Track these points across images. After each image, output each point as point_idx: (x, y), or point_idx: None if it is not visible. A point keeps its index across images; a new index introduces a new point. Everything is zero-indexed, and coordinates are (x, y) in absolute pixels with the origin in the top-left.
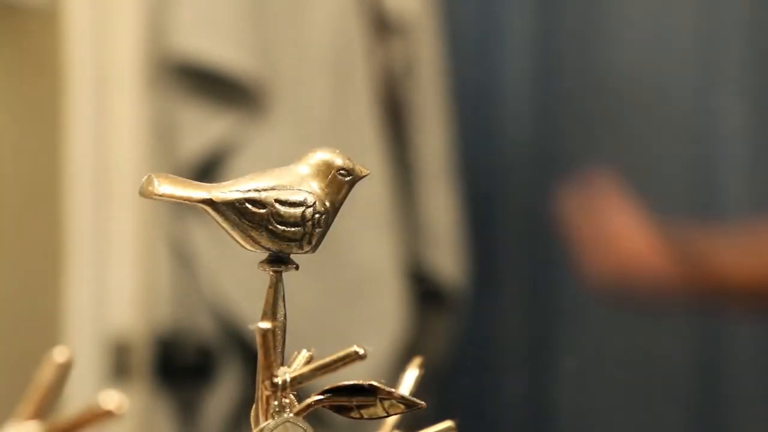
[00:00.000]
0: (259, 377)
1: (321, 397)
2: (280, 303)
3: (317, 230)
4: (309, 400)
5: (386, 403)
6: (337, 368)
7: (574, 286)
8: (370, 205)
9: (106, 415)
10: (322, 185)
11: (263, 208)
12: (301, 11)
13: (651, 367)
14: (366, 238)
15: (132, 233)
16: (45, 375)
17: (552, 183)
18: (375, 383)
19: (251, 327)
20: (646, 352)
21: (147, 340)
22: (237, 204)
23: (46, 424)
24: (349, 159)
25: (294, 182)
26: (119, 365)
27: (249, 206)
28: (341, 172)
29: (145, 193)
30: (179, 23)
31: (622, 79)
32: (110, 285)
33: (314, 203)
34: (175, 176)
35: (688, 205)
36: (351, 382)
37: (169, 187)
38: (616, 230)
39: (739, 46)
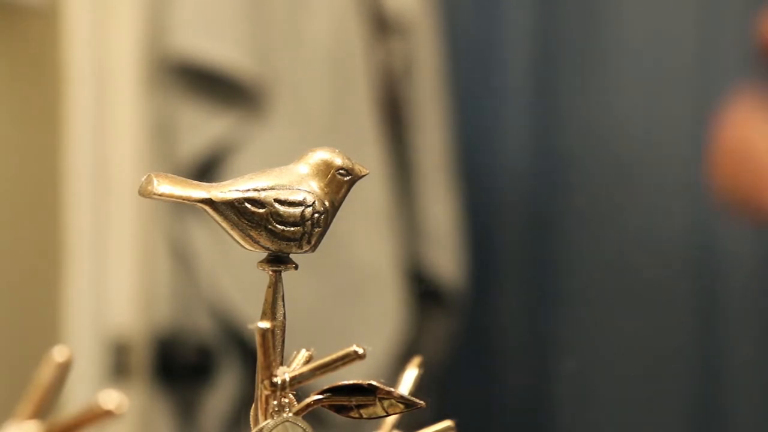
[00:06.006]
0: (259, 377)
1: (320, 396)
2: (280, 303)
3: (316, 230)
4: (308, 400)
5: (386, 403)
6: (336, 368)
7: (574, 286)
8: (370, 205)
9: (106, 414)
10: (322, 185)
11: (262, 208)
12: (301, 11)
13: (652, 367)
14: (366, 237)
15: (131, 233)
16: (45, 375)
17: (551, 183)
18: (374, 383)
19: (251, 327)
20: (647, 352)
21: (146, 339)
22: (236, 204)
23: (46, 424)
24: (348, 158)
25: (293, 182)
26: (119, 365)
27: (248, 206)
28: (341, 171)
29: (144, 193)
30: (179, 23)
31: (623, 79)
32: (110, 285)
33: (313, 203)
34: (175, 176)
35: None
36: (350, 382)
37: (168, 187)
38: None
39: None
